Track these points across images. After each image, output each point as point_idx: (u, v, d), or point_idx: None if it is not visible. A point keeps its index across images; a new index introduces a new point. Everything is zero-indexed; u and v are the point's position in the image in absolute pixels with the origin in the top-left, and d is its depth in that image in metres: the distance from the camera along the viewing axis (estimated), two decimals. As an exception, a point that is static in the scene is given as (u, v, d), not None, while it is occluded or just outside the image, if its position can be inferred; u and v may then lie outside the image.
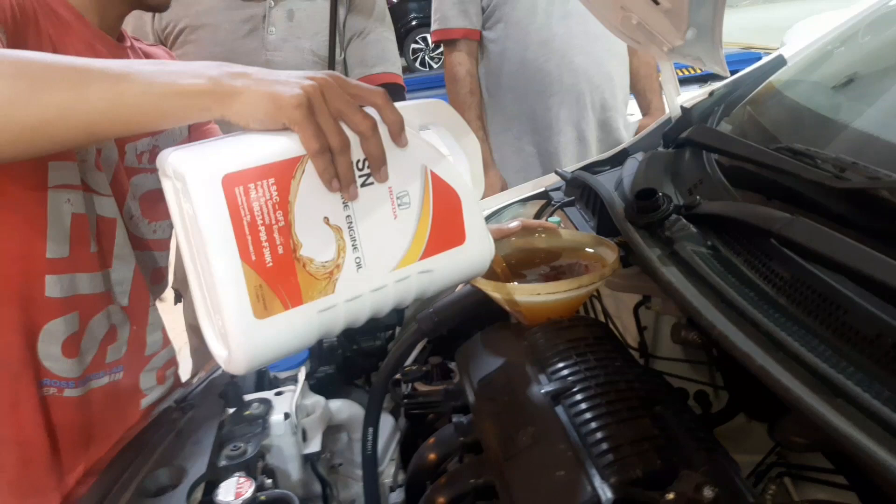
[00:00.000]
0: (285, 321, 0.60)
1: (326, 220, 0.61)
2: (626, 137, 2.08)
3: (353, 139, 0.61)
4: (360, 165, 0.62)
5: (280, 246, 0.59)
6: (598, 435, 0.63)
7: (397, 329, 1.28)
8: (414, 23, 9.09)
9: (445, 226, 0.68)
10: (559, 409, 0.68)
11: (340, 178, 0.60)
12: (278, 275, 0.59)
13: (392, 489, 1.07)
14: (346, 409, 1.07)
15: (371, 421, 0.96)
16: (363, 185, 0.62)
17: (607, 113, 2.07)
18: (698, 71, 5.66)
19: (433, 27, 2.10)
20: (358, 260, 0.63)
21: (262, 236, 0.58)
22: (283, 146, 0.59)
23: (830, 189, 0.70)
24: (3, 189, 0.77)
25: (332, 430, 1.07)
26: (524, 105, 2.01)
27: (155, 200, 0.97)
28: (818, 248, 0.61)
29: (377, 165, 0.62)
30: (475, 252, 0.70)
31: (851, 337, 0.56)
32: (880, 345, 0.53)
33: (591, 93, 2.02)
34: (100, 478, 0.83)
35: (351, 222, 0.63)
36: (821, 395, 0.51)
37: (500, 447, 0.67)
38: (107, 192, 0.88)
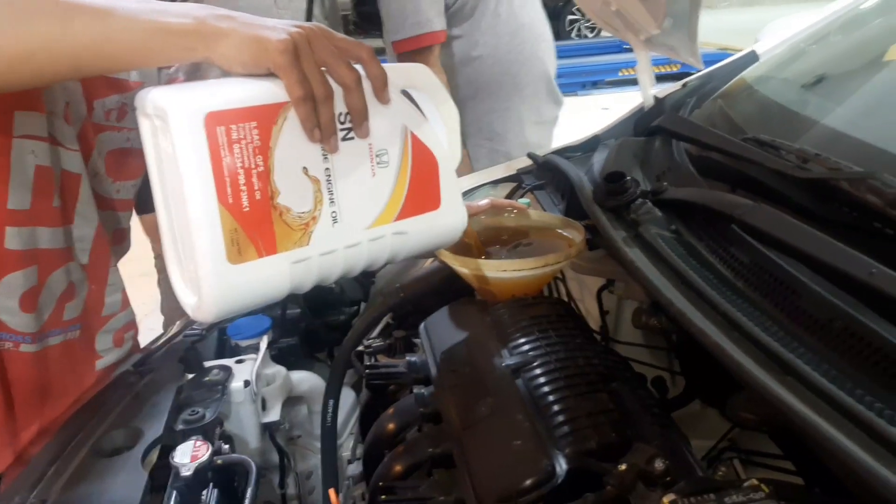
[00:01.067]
0: (258, 269, 0.59)
1: (305, 170, 0.61)
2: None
3: (337, 92, 0.61)
4: (342, 119, 0.62)
5: (258, 191, 0.58)
6: (556, 407, 0.64)
7: (362, 305, 1.28)
8: (571, -6, 9.47)
9: (422, 189, 0.68)
10: (519, 382, 0.69)
11: (322, 129, 0.60)
12: (254, 220, 0.58)
13: (350, 462, 1.07)
14: (306, 380, 1.07)
15: (332, 392, 0.96)
16: (343, 139, 0.62)
17: (555, 97, 2.13)
18: (674, 69, 5.72)
19: (407, 33, 1.83)
20: (334, 214, 0.62)
21: (241, 179, 0.57)
22: (267, 90, 0.59)
23: (792, 178, 0.71)
24: None
25: (291, 401, 1.06)
26: (496, 101, 1.99)
27: (120, 159, 0.95)
28: (777, 234, 0.63)
29: (359, 120, 0.62)
30: (449, 219, 0.70)
31: (804, 320, 0.58)
32: (831, 328, 0.55)
33: (546, 79, 2.06)
34: (54, 437, 0.82)
35: (329, 175, 0.62)
36: (772, 372, 0.52)
37: (459, 417, 0.67)
38: (73, 146, 0.86)
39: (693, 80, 1.23)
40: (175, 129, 0.55)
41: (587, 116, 7.17)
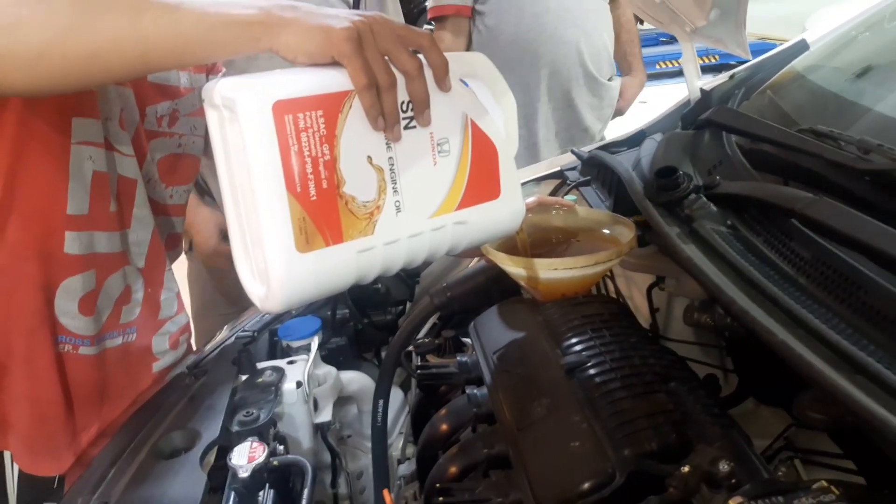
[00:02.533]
0: (325, 258, 0.59)
1: (370, 159, 0.61)
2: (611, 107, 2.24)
3: (399, 80, 0.61)
4: (404, 108, 0.62)
5: (324, 180, 0.58)
6: (613, 408, 0.63)
7: (408, 305, 1.29)
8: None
9: (482, 178, 0.67)
10: (574, 383, 0.68)
11: (385, 117, 0.60)
12: (321, 209, 0.58)
13: (400, 462, 1.08)
14: (356, 380, 1.08)
15: (382, 393, 0.96)
16: (405, 128, 0.62)
17: (595, 83, 2.16)
18: (713, 60, 5.60)
19: (429, 4, 2.12)
20: (398, 203, 0.63)
21: (308, 168, 0.58)
22: (332, 79, 0.59)
23: (854, 170, 0.69)
24: (27, 143, 0.77)
25: (342, 401, 1.07)
26: (513, 78, 2.01)
27: (173, 164, 0.97)
28: (841, 228, 0.61)
29: (421, 108, 0.62)
30: (508, 208, 0.70)
31: (872, 316, 0.56)
32: (901, 324, 0.53)
33: (581, 65, 2.09)
34: (113, 439, 0.84)
35: (392, 164, 0.62)
36: (842, 371, 0.51)
37: (515, 418, 0.67)
38: (129, 151, 0.88)
39: (741, 70, 1.20)
40: (244, 118, 0.56)
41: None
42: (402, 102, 0.62)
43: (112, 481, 0.76)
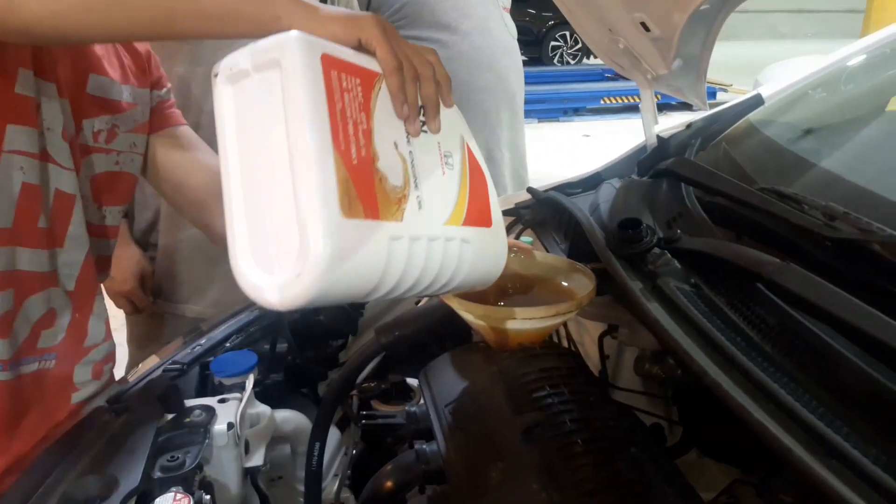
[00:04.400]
0: (364, 234, 0.53)
1: (395, 145, 0.59)
2: None
3: None
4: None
5: (363, 148, 0.55)
6: (574, 477, 0.60)
7: (350, 338, 1.23)
8: (551, 22, 10.08)
9: (478, 202, 0.66)
10: (532, 445, 0.64)
11: (409, 105, 0.59)
12: (361, 176, 0.54)
13: (334, 506, 1.02)
14: (292, 420, 1.01)
15: (318, 435, 0.91)
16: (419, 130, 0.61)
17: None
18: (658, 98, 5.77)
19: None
20: (419, 199, 0.60)
21: (350, 129, 0.54)
22: (361, 58, 0.58)
23: (819, 237, 0.69)
24: None
25: (275, 440, 1.01)
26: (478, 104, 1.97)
27: (108, 183, 0.90)
28: (810, 298, 0.60)
29: (433, 113, 0.62)
30: (498, 242, 0.68)
31: (842, 393, 0.55)
32: (875, 406, 0.52)
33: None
34: (22, 477, 0.75)
35: (412, 159, 0.60)
36: (816, 455, 0.49)
37: (469, 481, 0.63)
38: (69, 165, 0.81)
39: (698, 121, 1.21)
40: (293, 66, 0.52)
41: (569, 143, 7.23)
42: None
43: (15, 532, 0.69)
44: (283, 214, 0.52)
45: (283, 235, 0.53)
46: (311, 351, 1.15)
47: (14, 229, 0.77)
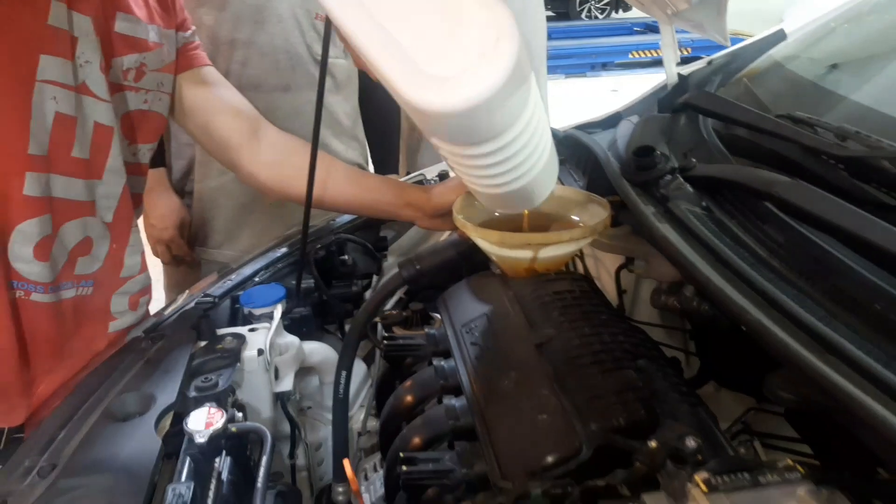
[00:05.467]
0: (525, 67, 0.51)
1: None
2: None
3: None
4: None
5: None
6: (582, 383, 0.62)
7: (374, 279, 1.27)
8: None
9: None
10: (544, 358, 0.67)
11: None
12: None
13: (360, 434, 1.06)
14: (319, 351, 1.06)
15: (345, 364, 0.95)
16: None
17: None
18: (685, 52, 5.65)
19: None
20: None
21: None
22: None
23: (830, 156, 0.69)
24: None
25: (303, 372, 1.05)
26: None
27: (138, 122, 0.93)
28: (816, 211, 0.61)
29: None
30: (556, 161, 0.69)
31: (844, 300, 0.56)
32: (874, 308, 0.53)
33: None
34: (65, 400, 0.81)
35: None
36: (814, 352, 0.51)
37: (482, 390, 0.66)
38: (106, 97, 0.84)
39: (718, 57, 1.20)
40: None
41: (596, 98, 7.13)
42: None
43: (62, 442, 0.74)
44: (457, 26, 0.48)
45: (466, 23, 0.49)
46: (337, 289, 1.19)
47: (48, 157, 0.80)
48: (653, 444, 0.55)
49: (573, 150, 1.15)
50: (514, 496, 0.53)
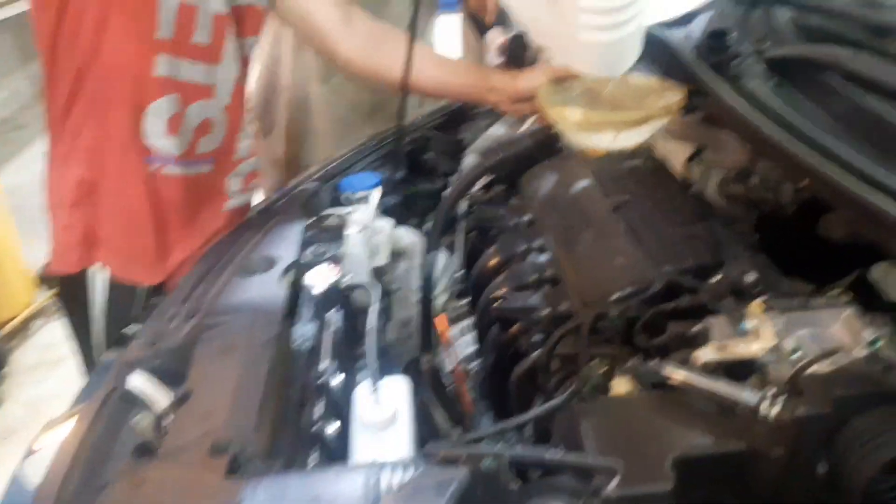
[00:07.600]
0: None
1: None
2: None
3: None
4: None
5: None
6: (655, 235, 0.71)
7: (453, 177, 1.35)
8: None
9: None
10: (620, 217, 0.75)
11: None
12: None
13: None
14: (408, 236, 1.16)
15: (432, 244, 1.04)
16: None
17: None
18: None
19: None
20: None
21: None
22: None
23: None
24: None
25: (394, 256, 1.15)
26: None
27: (243, 14, 1.01)
28: (879, 77, 0.66)
29: None
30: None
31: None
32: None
33: None
34: (200, 261, 0.93)
35: None
36: (867, 192, 0.57)
37: (564, 244, 0.75)
38: None
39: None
40: None
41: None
42: None
43: (201, 294, 0.86)
44: None
45: None
46: (422, 184, 1.28)
47: (174, 41, 0.90)
48: (717, 277, 0.63)
49: (648, 48, 1.20)
50: (594, 316, 0.63)
